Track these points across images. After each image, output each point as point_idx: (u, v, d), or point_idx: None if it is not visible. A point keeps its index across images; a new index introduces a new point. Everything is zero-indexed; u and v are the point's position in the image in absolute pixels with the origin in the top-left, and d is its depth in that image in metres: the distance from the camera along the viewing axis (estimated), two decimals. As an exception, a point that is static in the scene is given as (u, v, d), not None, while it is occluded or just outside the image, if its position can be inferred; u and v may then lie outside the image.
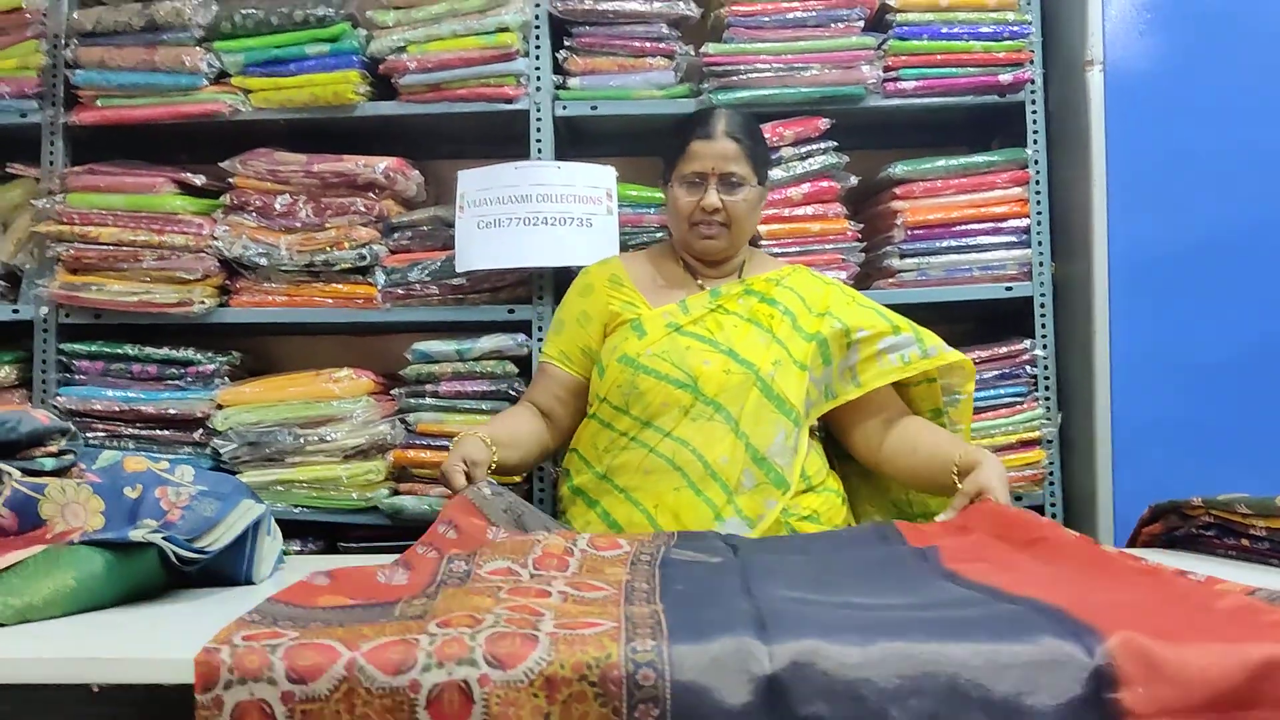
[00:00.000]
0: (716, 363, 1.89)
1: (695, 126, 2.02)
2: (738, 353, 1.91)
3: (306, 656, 0.85)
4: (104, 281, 2.45)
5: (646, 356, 1.90)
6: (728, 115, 2.03)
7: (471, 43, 2.42)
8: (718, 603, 0.99)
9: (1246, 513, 1.47)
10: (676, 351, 1.91)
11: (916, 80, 2.46)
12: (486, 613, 0.93)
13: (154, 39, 2.44)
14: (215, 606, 1.17)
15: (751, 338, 1.94)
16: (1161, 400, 2.36)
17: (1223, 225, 2.36)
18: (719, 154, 1.98)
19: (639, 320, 1.98)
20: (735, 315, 1.98)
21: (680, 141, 2.02)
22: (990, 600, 1.02)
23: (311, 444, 2.39)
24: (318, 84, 2.44)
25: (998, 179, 2.49)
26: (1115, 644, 0.86)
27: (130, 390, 2.46)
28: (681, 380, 1.88)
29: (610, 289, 2.05)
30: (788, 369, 1.91)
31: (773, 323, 1.96)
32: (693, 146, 1.99)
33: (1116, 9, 2.40)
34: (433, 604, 0.98)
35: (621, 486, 1.88)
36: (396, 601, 1.01)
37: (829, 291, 2.05)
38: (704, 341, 1.93)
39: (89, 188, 2.45)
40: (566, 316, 2.08)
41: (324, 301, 2.48)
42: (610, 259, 2.16)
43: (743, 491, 1.84)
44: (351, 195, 2.45)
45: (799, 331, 1.95)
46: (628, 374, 1.90)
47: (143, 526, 1.20)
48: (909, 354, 1.97)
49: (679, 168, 2.01)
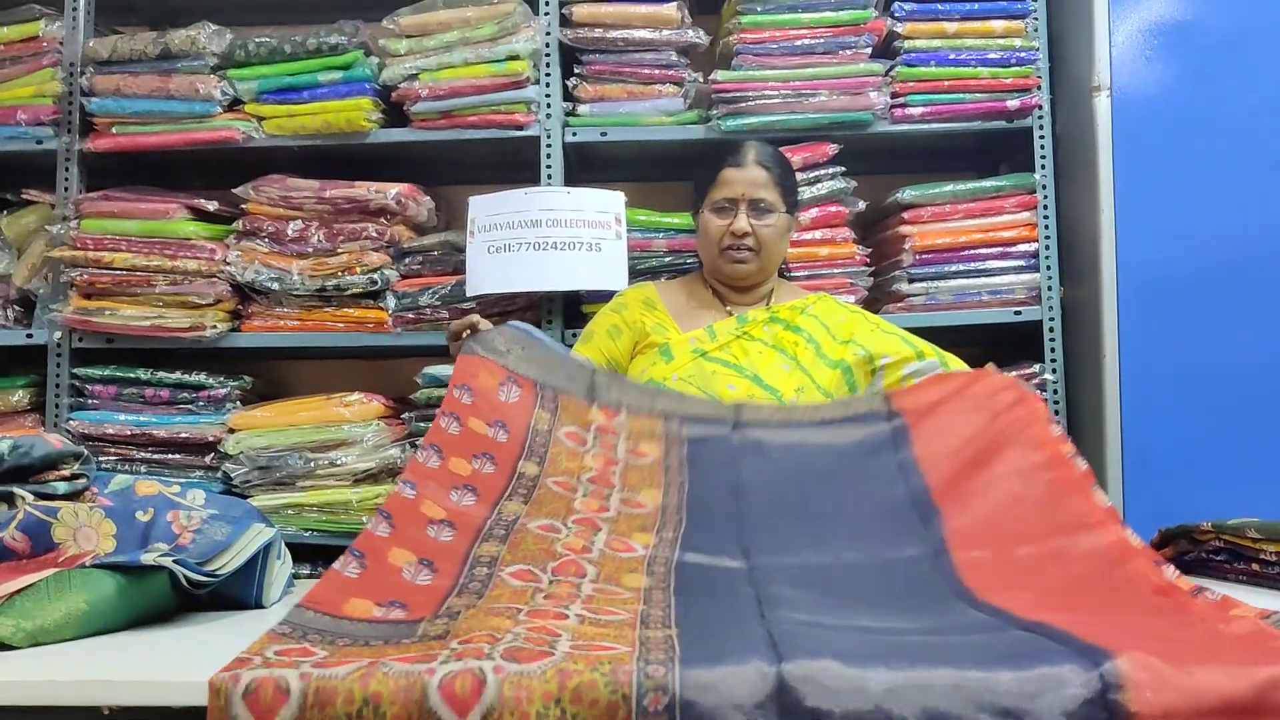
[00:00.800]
0: (741, 388, 1.91)
1: (726, 155, 2.09)
2: (762, 379, 1.94)
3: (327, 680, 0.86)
4: (117, 306, 2.47)
5: (673, 381, 1.93)
6: (758, 145, 2.10)
7: (483, 70, 2.44)
8: (731, 629, 1.00)
9: (1257, 537, 1.46)
10: (702, 376, 1.94)
11: (924, 106, 2.47)
12: (506, 633, 0.95)
13: (169, 67, 2.47)
14: (225, 630, 1.17)
15: (775, 364, 1.97)
16: (1171, 423, 2.35)
17: (1230, 248, 2.37)
18: (749, 180, 2.05)
19: (667, 345, 2.01)
20: (760, 342, 2.01)
21: (711, 170, 2.09)
22: (1003, 626, 1.02)
23: (322, 468, 2.40)
24: (330, 111, 2.46)
25: (1006, 204, 2.49)
26: (1124, 661, 0.86)
27: (143, 414, 2.47)
28: None
29: (643, 309, 2.10)
30: (810, 396, 1.94)
31: (796, 350, 2.00)
32: (724, 173, 2.07)
33: (1123, 35, 2.41)
34: (454, 624, 1.01)
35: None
36: (419, 620, 1.03)
37: (853, 319, 2.09)
38: (729, 367, 1.96)
39: (103, 213, 2.48)
40: (597, 328, 2.13)
41: (335, 326, 2.49)
42: (645, 284, 2.21)
43: None
44: (363, 221, 2.47)
45: (823, 359, 2.00)
46: None
47: (154, 550, 1.21)
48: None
49: (710, 194, 2.08)
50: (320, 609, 1.04)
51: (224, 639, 1.12)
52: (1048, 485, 1.36)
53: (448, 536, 1.25)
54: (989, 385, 1.59)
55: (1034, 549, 1.26)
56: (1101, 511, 1.30)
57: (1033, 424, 1.48)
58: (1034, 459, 1.41)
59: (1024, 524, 1.30)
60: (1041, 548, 1.26)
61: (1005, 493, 1.37)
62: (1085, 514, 1.30)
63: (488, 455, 1.43)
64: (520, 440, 1.50)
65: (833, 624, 1.02)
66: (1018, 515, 1.32)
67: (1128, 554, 1.21)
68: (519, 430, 1.52)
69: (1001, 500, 1.36)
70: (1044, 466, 1.39)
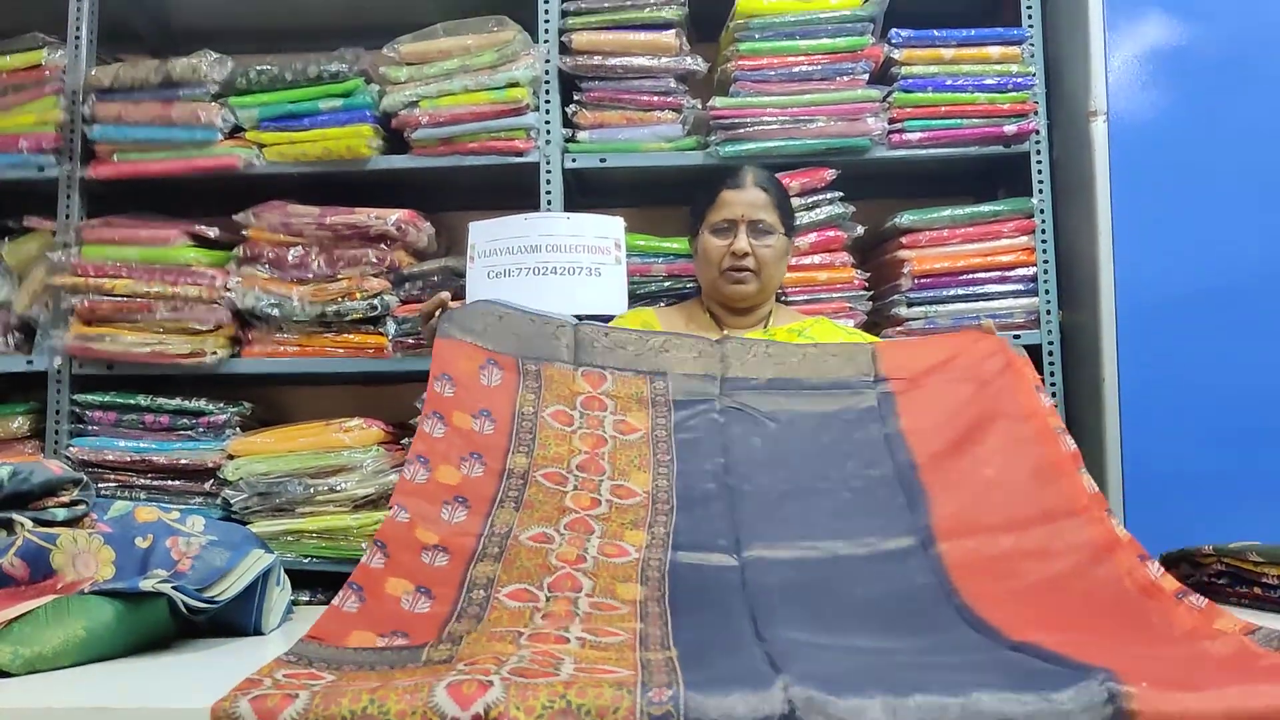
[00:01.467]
0: None
1: (724, 177, 2.12)
2: None
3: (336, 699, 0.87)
4: (117, 332, 2.48)
5: None
6: (755, 168, 2.14)
7: (483, 98, 2.46)
8: (730, 650, 1.00)
9: (1259, 560, 1.46)
10: None
11: (922, 131, 2.49)
12: (510, 656, 0.96)
13: (170, 95, 2.48)
14: (224, 656, 1.17)
15: None
16: (1172, 447, 2.35)
17: (1228, 272, 2.37)
18: (748, 202, 2.08)
19: None
20: None
21: (709, 193, 2.12)
22: (994, 646, 1.02)
23: (321, 494, 2.39)
24: (331, 138, 2.48)
25: (1004, 228, 2.50)
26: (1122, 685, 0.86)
27: (142, 441, 2.47)
28: None
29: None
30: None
31: None
32: (723, 195, 2.10)
33: (1119, 61, 2.43)
34: (457, 649, 1.01)
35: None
36: (424, 646, 1.04)
37: (852, 340, 2.07)
38: None
39: (104, 240, 2.49)
40: None
41: (335, 351, 2.50)
42: (643, 309, 2.22)
43: None
44: (363, 246, 2.48)
45: None
46: None
47: (153, 576, 1.20)
48: None
49: (708, 217, 2.11)
50: (324, 641, 1.05)
51: (223, 665, 1.12)
52: (1034, 464, 1.37)
53: (442, 561, 1.25)
54: (976, 352, 1.60)
55: (1019, 540, 1.27)
56: (1087, 497, 1.31)
57: (1020, 392, 1.49)
58: (1021, 432, 1.42)
59: (1010, 509, 1.30)
60: (1026, 539, 1.26)
61: (992, 473, 1.37)
62: (1071, 499, 1.31)
63: (475, 455, 1.44)
64: (507, 430, 1.49)
65: (828, 644, 1.02)
66: (1003, 501, 1.33)
67: (1112, 545, 1.21)
68: (505, 418, 1.52)
69: (988, 482, 1.36)
70: (1032, 440, 1.40)
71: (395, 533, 1.28)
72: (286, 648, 1.06)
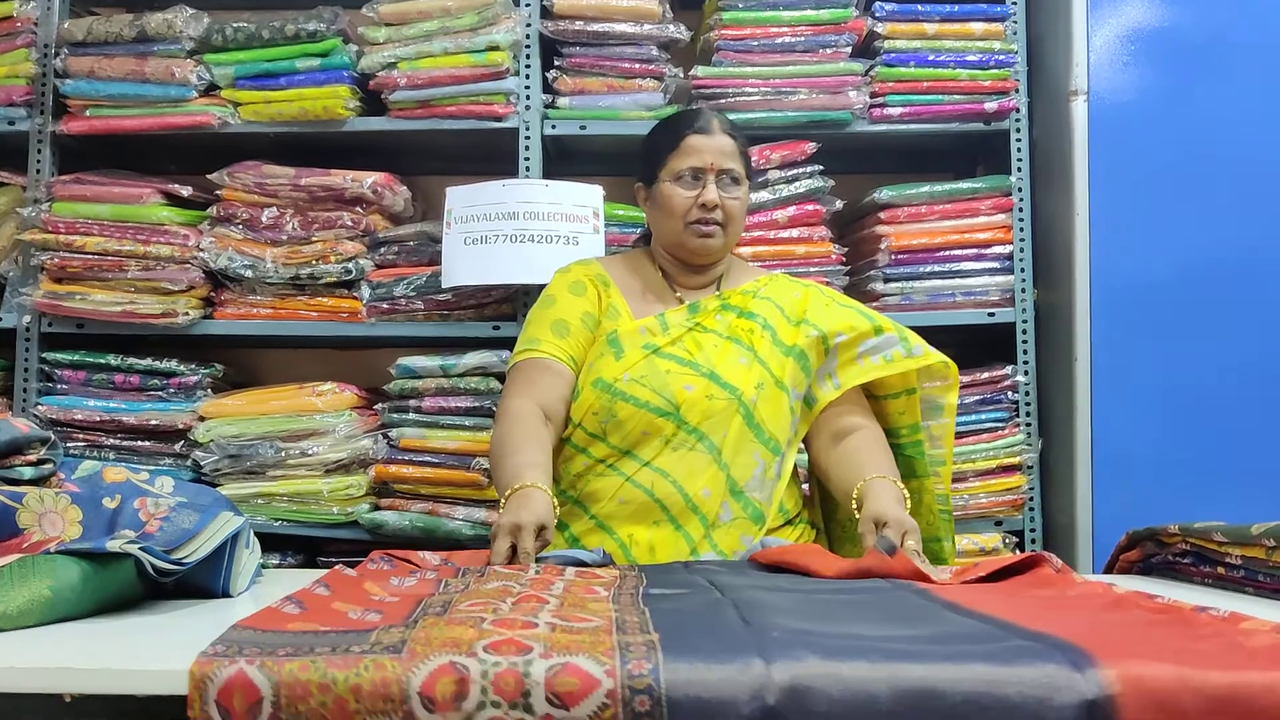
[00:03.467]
0: (699, 388, 1.78)
1: (688, 122, 1.90)
2: (720, 375, 1.80)
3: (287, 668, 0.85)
4: (88, 291, 2.45)
5: (624, 382, 1.78)
6: (718, 114, 1.93)
7: (462, 60, 2.43)
8: (714, 630, 0.95)
9: (1223, 541, 1.47)
10: (656, 376, 1.78)
11: (903, 106, 2.48)
12: (473, 642, 0.88)
13: (144, 50, 2.45)
14: (191, 618, 1.16)
15: (732, 358, 1.83)
16: (1141, 427, 2.38)
17: (1203, 254, 2.39)
18: (718, 149, 1.86)
19: (616, 335, 1.85)
20: (714, 333, 1.86)
21: (670, 138, 1.89)
22: (1002, 634, 0.97)
23: (293, 457, 2.39)
24: (307, 98, 2.45)
25: (982, 205, 2.51)
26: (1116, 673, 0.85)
27: (112, 400, 2.45)
28: (663, 408, 1.76)
29: (599, 286, 1.92)
30: (770, 393, 1.81)
31: (753, 339, 1.85)
32: (689, 141, 1.86)
33: (1101, 40, 2.43)
34: (410, 633, 0.93)
35: (594, 514, 1.77)
36: (371, 630, 0.95)
37: (807, 295, 1.94)
38: (684, 364, 1.81)
39: (75, 197, 2.45)
40: (569, 317, 1.87)
41: (309, 315, 2.48)
42: (590, 260, 2.02)
43: (720, 525, 1.75)
44: (339, 209, 2.46)
45: (779, 346, 1.85)
46: (604, 400, 1.78)
47: (120, 537, 1.19)
48: (892, 353, 1.87)
49: (670, 163, 1.88)
50: (259, 627, 0.96)
51: (189, 627, 1.11)
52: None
53: (393, 599, 1.16)
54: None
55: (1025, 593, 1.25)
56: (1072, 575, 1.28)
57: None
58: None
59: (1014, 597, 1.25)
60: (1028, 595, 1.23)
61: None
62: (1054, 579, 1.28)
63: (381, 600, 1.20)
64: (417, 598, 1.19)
65: (824, 630, 0.97)
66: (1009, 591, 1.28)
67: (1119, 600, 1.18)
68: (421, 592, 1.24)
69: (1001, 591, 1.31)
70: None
71: (336, 580, 1.21)
72: (256, 609, 1.05)
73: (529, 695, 0.83)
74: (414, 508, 2.39)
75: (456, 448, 2.37)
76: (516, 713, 0.83)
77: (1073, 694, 0.83)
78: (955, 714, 0.83)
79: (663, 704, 0.83)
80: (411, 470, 2.39)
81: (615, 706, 0.83)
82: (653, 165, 1.91)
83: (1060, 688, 0.84)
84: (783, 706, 0.83)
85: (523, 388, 1.82)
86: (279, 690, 0.84)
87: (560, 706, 0.83)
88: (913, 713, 0.83)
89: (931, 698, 0.83)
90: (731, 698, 0.83)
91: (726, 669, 0.84)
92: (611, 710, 0.83)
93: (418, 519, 2.36)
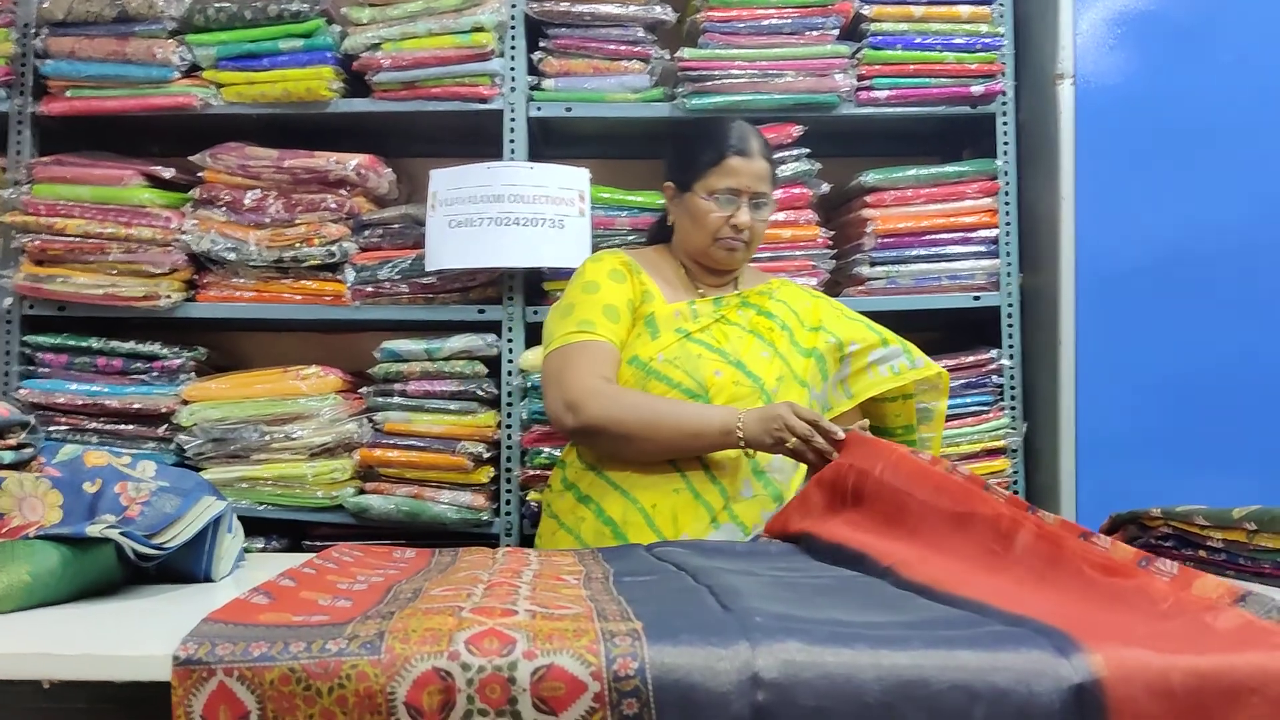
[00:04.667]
0: (727, 374, 1.88)
1: (730, 140, 1.98)
2: (745, 365, 1.91)
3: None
4: (69, 274, 2.43)
5: (659, 362, 1.88)
6: (756, 133, 2.01)
7: (447, 41, 2.41)
8: (696, 618, 0.95)
9: (1204, 524, 1.48)
10: (688, 359, 1.89)
11: (889, 89, 2.48)
12: (451, 634, 0.88)
13: (125, 30, 2.42)
14: (172, 604, 1.16)
15: (755, 351, 1.94)
16: (1124, 411, 2.38)
17: (1189, 238, 2.39)
18: (756, 174, 1.97)
19: (653, 316, 1.94)
20: (738, 326, 1.97)
21: (712, 153, 1.97)
22: (981, 618, 0.98)
23: (277, 441, 2.38)
24: (291, 79, 2.43)
25: (968, 189, 2.51)
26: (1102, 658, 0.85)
27: (94, 384, 2.43)
28: (694, 390, 1.86)
29: (633, 275, 1.99)
30: (789, 385, 1.92)
31: (773, 336, 1.97)
32: (730, 162, 1.96)
33: (1088, 24, 2.42)
34: (387, 624, 0.91)
35: (618, 484, 1.86)
36: (347, 622, 0.93)
37: (818, 305, 2.07)
38: (714, 351, 1.92)
39: (56, 179, 2.43)
40: (618, 302, 1.95)
41: (293, 298, 2.47)
42: (614, 251, 2.07)
43: (740, 500, 1.84)
44: (322, 192, 2.44)
45: (796, 347, 1.97)
46: (639, 377, 1.88)
47: (100, 522, 1.19)
48: (898, 364, 2.00)
49: (708, 179, 1.97)
50: (229, 620, 0.94)
51: (170, 613, 1.11)
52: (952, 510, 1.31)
53: (362, 586, 1.15)
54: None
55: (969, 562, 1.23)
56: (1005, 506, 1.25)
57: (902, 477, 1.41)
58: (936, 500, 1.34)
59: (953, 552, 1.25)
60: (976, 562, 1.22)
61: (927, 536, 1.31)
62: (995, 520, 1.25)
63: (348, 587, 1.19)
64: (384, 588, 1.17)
65: (805, 616, 0.96)
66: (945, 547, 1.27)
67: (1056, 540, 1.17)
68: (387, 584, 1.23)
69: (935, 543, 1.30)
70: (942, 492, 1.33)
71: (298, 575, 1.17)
72: (238, 593, 1.05)
73: (515, 702, 0.83)
74: (399, 491, 2.38)
75: (442, 431, 2.37)
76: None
77: (1061, 679, 0.84)
78: (943, 701, 0.83)
79: (651, 706, 0.83)
80: (396, 454, 2.38)
81: (603, 710, 0.83)
82: (689, 172, 2.01)
83: (1047, 673, 0.84)
84: (771, 698, 0.83)
85: (592, 367, 1.87)
86: (265, 703, 0.84)
87: (548, 712, 0.83)
88: (902, 701, 0.83)
89: (918, 685, 0.84)
90: (721, 695, 0.83)
91: (714, 665, 0.84)
92: (600, 714, 0.83)
93: (403, 503, 2.36)
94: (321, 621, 0.94)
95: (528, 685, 0.83)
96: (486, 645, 0.86)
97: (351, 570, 1.29)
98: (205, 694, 0.84)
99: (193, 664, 0.85)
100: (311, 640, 0.87)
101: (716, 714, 0.82)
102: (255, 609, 0.99)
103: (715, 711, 0.82)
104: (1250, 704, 0.84)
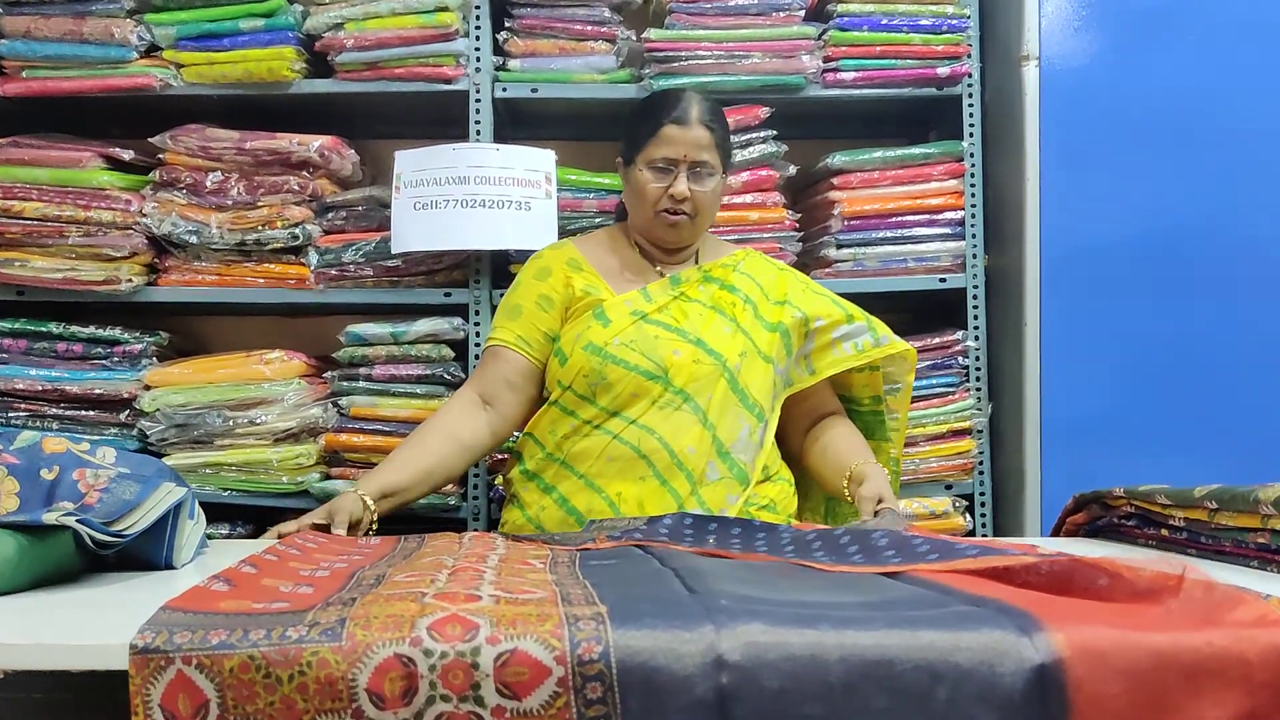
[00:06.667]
0: (686, 353, 1.85)
1: (668, 109, 1.92)
2: (706, 342, 1.87)
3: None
4: (28, 257, 2.39)
5: (614, 346, 1.85)
6: (699, 100, 1.94)
7: (410, 21, 2.39)
8: (661, 599, 0.94)
9: (1166, 504, 1.50)
10: (645, 341, 1.86)
11: (856, 71, 2.47)
12: (414, 620, 0.87)
13: (82, 10, 2.38)
14: (132, 591, 1.15)
15: (717, 327, 1.90)
16: (1088, 393, 2.41)
17: (1152, 219, 2.42)
18: (692, 142, 1.89)
19: (602, 308, 1.91)
20: (698, 303, 1.93)
21: (650, 123, 1.92)
22: (944, 598, 0.97)
23: (241, 426, 2.35)
24: (252, 60, 2.39)
25: (934, 171, 2.51)
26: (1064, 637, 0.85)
27: (54, 369, 2.40)
28: (652, 371, 1.83)
29: (569, 270, 1.97)
30: (753, 361, 1.89)
31: (735, 311, 1.93)
32: (665, 131, 1.89)
33: (1053, 5, 2.43)
34: (349, 610, 0.90)
35: (582, 473, 1.84)
36: (308, 609, 0.92)
37: (784, 278, 2.03)
38: (672, 330, 1.88)
39: (13, 161, 2.39)
40: (524, 301, 1.96)
41: (255, 281, 2.44)
42: (564, 243, 2.06)
43: (706, 484, 1.82)
44: (285, 174, 2.41)
45: (761, 321, 1.94)
46: (595, 363, 1.84)
47: (57, 509, 1.17)
48: (862, 342, 1.98)
49: (647, 150, 1.91)
50: (188, 608, 0.93)
51: (129, 601, 1.09)
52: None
53: (324, 573, 1.14)
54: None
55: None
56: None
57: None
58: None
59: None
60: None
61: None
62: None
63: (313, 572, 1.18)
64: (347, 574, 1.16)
65: (769, 597, 0.96)
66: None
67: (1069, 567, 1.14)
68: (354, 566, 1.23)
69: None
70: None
71: (261, 563, 1.16)
72: (199, 580, 1.04)
73: (479, 688, 0.83)
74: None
75: (408, 416, 2.35)
76: (468, 705, 0.83)
77: (1024, 660, 0.84)
78: (906, 681, 0.83)
79: (615, 690, 0.83)
80: (362, 439, 2.36)
81: (567, 694, 0.83)
82: (631, 147, 1.97)
83: (1009, 653, 0.84)
84: (734, 680, 0.83)
85: (473, 376, 2.02)
86: (224, 691, 0.83)
87: (511, 697, 0.83)
88: (865, 682, 0.83)
89: (882, 666, 0.84)
90: (685, 678, 0.83)
91: (678, 648, 0.84)
92: (563, 699, 0.82)
93: (369, 487, 2.34)
94: (282, 609, 0.93)
95: (491, 670, 0.83)
96: (449, 631, 0.85)
97: (315, 556, 1.28)
98: (163, 683, 0.83)
99: (150, 652, 0.84)
100: (272, 628, 0.86)
101: (680, 697, 0.82)
102: (215, 596, 0.98)
103: (679, 695, 0.82)
104: (1210, 685, 0.85)
